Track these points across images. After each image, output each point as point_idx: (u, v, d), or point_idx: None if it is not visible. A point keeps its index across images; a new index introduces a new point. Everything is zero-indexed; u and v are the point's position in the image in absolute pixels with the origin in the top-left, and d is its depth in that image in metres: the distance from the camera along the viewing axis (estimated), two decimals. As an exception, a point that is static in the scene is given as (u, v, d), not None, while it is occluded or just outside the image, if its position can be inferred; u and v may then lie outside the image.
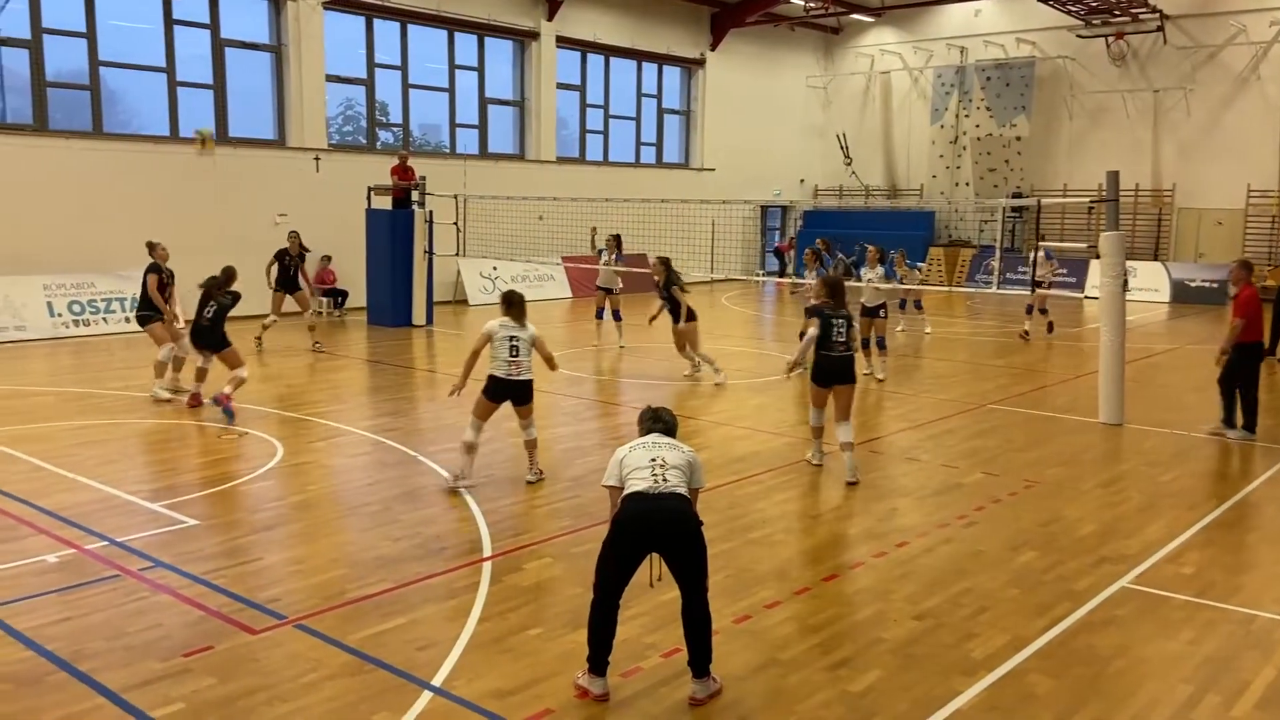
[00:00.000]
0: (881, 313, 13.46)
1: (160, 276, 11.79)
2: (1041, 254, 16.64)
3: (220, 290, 10.93)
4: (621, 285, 16.30)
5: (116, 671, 4.89)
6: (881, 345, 13.49)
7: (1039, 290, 16.14)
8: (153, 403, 11.18)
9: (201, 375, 11.12)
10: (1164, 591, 6.17)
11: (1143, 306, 22.90)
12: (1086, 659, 5.24)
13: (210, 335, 10.87)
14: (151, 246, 12.06)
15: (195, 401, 10.98)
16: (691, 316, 12.81)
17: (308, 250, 16.30)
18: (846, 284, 9.14)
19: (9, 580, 6.06)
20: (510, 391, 8.11)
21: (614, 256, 16.08)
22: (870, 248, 14.23)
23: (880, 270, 13.87)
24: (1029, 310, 17.53)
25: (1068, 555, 6.76)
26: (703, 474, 4.96)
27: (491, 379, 8.12)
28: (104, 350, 15.22)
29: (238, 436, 9.74)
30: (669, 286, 12.84)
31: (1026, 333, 17.39)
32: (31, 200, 16.39)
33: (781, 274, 29.06)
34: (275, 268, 15.37)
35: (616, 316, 15.84)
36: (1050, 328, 17.84)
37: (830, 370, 8.47)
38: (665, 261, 13.11)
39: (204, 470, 8.57)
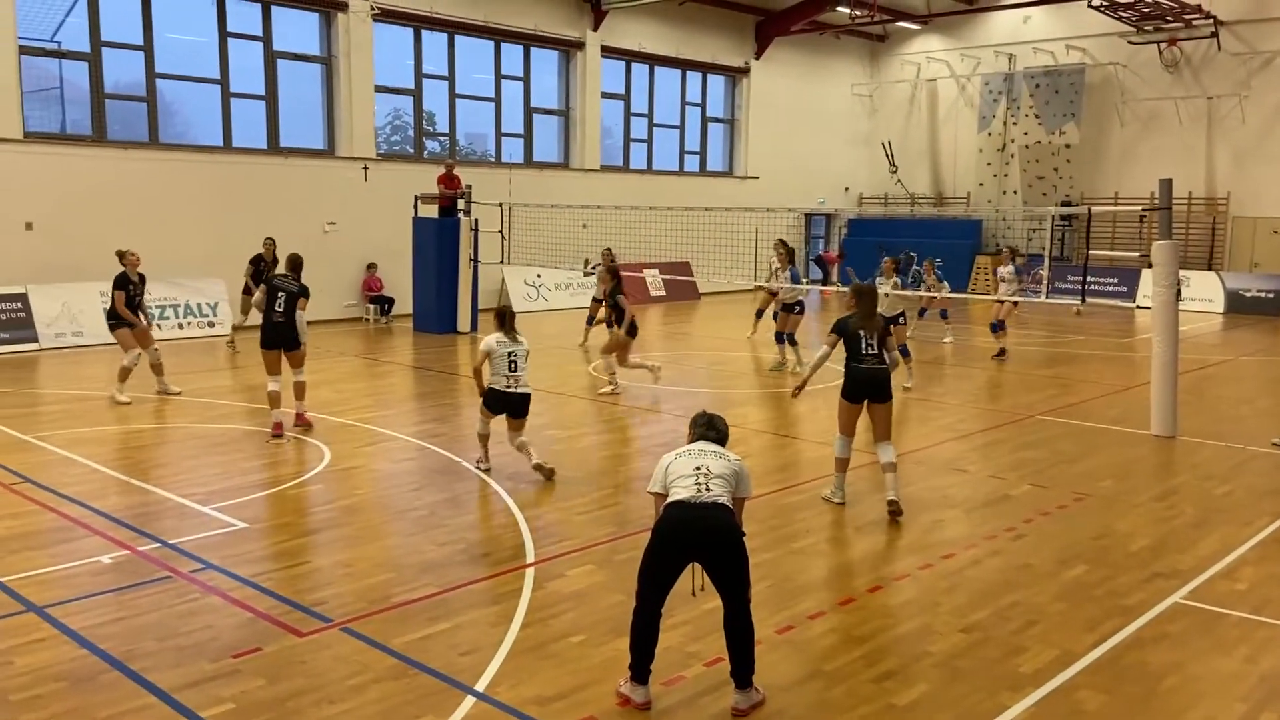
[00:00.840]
0: (901, 319, 13.45)
1: (128, 291, 11.74)
2: (1010, 268, 16.33)
3: (288, 280, 10.14)
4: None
5: (167, 671, 4.98)
6: (904, 353, 13.26)
7: (1006, 304, 15.73)
8: (111, 405, 11.30)
9: (275, 400, 10.08)
10: (1218, 608, 6.04)
11: (1196, 317, 22.45)
12: (1138, 676, 5.14)
13: (287, 333, 9.98)
14: (121, 255, 11.93)
15: (279, 431, 9.98)
16: (633, 331, 12.70)
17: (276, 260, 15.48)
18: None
19: (65, 580, 6.21)
20: (509, 404, 8.52)
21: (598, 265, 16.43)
22: (886, 259, 14.16)
23: (896, 280, 13.86)
24: (996, 328, 16.27)
25: (1119, 570, 6.64)
26: (750, 483, 4.93)
27: (491, 392, 8.53)
28: (157, 356, 15.50)
29: (287, 441, 9.87)
30: (615, 295, 12.83)
31: (1003, 350, 16.32)
32: (90, 209, 16.79)
33: (825, 282, 28.89)
34: (250, 273, 15.32)
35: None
36: (1002, 353, 15.99)
37: (860, 382, 7.79)
38: (614, 272, 13.23)
39: (254, 474, 8.70)
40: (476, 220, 18.58)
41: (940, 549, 7.01)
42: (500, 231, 18.58)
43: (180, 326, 17.32)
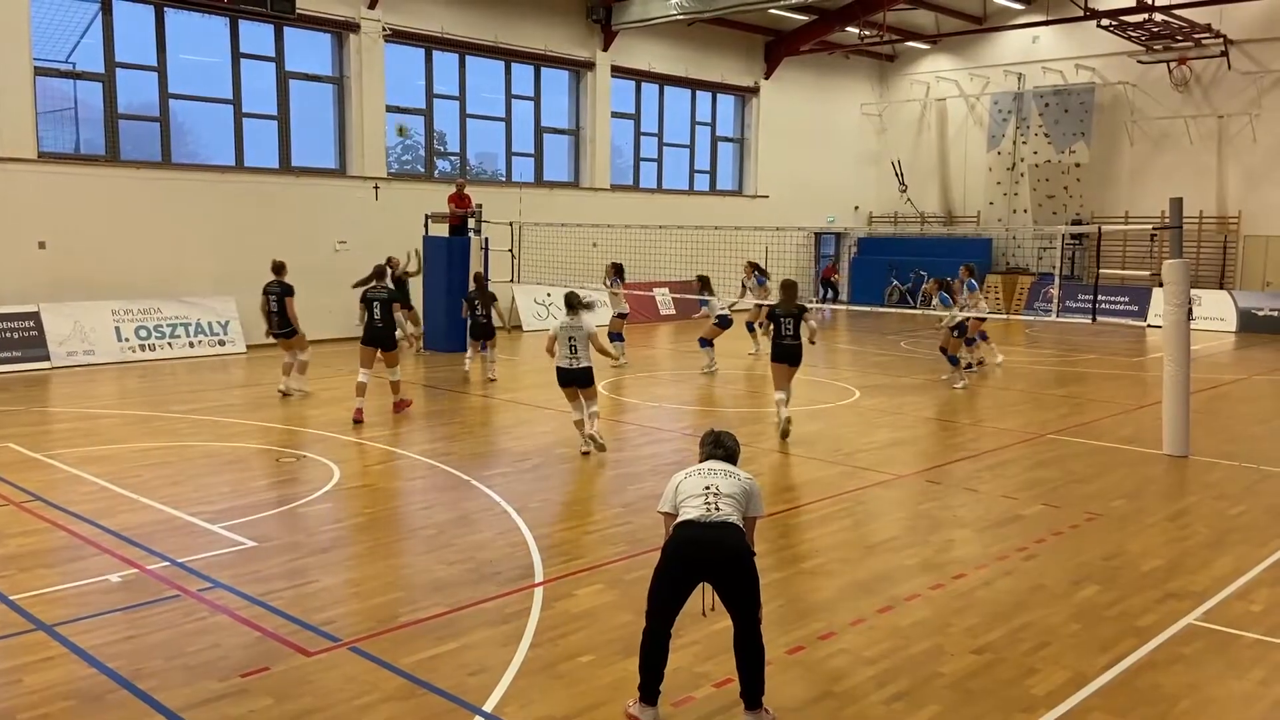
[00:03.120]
0: (955, 332, 14.85)
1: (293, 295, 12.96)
2: (965, 286, 16.08)
3: (375, 286, 11.74)
4: (626, 309, 17.48)
5: (175, 690, 4.97)
6: (953, 361, 14.91)
7: (973, 319, 15.62)
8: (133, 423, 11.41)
9: (361, 390, 11.69)
10: (1233, 629, 5.98)
11: (1208, 336, 22.35)
12: (1152, 698, 5.08)
13: (384, 333, 11.70)
14: (282, 266, 12.92)
15: (359, 417, 11.53)
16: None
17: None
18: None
19: (74, 599, 6.21)
20: (574, 378, 10.07)
21: (610, 282, 17.05)
22: (929, 281, 15.46)
23: (937, 300, 14.98)
24: (972, 341, 16.16)
25: (1132, 590, 6.59)
26: (761, 502, 4.90)
27: (558, 370, 10.12)
28: (169, 374, 15.59)
29: (296, 460, 9.89)
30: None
31: (982, 361, 16.48)
32: (102, 228, 16.90)
33: (835, 300, 28.93)
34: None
35: (617, 338, 16.95)
36: (967, 364, 15.84)
37: (781, 349, 11.05)
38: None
39: (263, 492, 8.71)
40: (487, 239, 18.65)
41: (952, 569, 6.96)
42: (510, 250, 18.63)
43: (191, 345, 17.38)
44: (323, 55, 20.02)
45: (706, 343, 16.09)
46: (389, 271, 12.25)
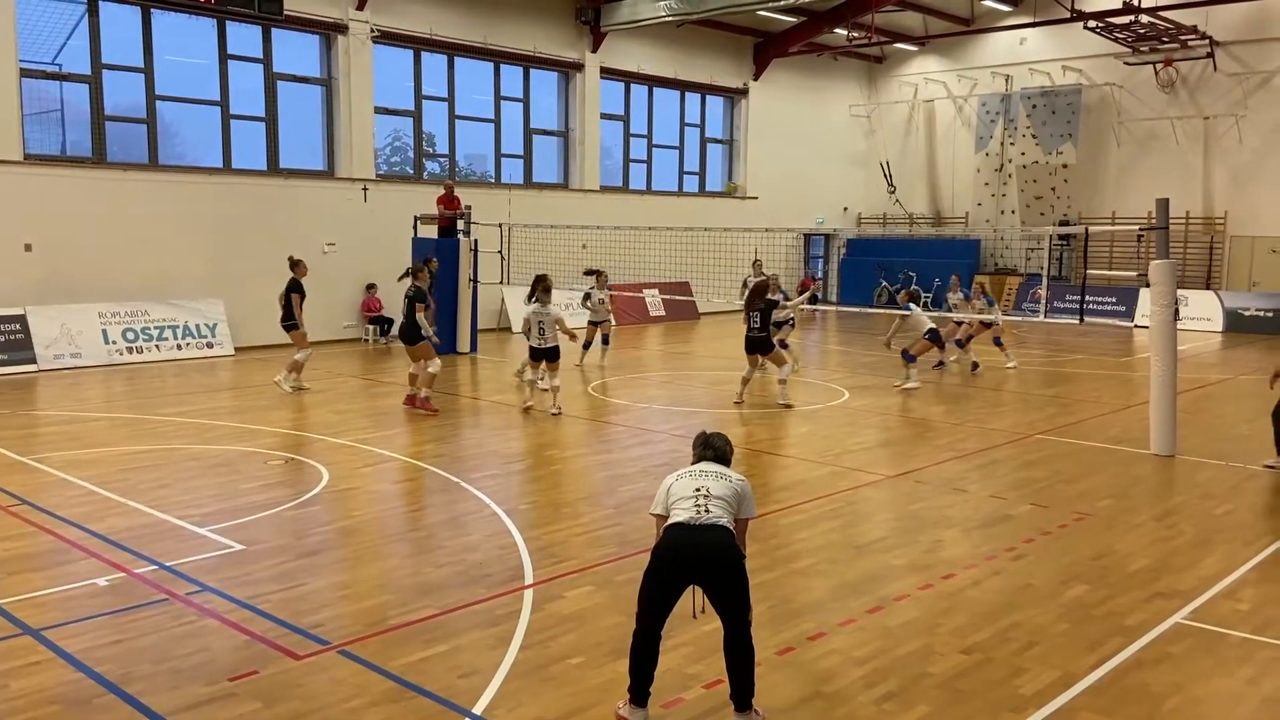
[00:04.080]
0: (928, 336, 14.98)
1: (303, 295, 13.65)
2: (959, 295, 16.34)
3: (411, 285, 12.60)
4: (611, 318, 17.59)
5: (163, 695, 4.95)
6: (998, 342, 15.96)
7: (964, 326, 16.19)
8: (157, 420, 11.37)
9: (411, 380, 12.78)
10: (1220, 628, 6.01)
11: (1195, 336, 22.47)
12: (1140, 697, 5.11)
13: (403, 329, 12.68)
14: (297, 263, 13.59)
15: (412, 402, 12.55)
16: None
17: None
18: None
19: (61, 603, 6.18)
20: (543, 355, 12.39)
21: (593, 289, 17.06)
22: (955, 277, 16.53)
23: (960, 295, 15.95)
24: (961, 344, 16.57)
25: (1119, 590, 6.62)
26: (753, 504, 4.90)
27: (530, 349, 12.49)
28: (156, 377, 15.52)
29: (284, 462, 9.86)
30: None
31: (976, 364, 16.48)
32: (89, 231, 16.82)
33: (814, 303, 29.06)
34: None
35: (605, 341, 17.10)
36: (943, 364, 16.60)
37: (749, 341, 13.13)
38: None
39: (251, 495, 8.68)
40: (476, 241, 18.62)
41: (940, 569, 6.98)
42: (500, 252, 18.62)
43: (179, 347, 17.32)
44: (311, 57, 19.97)
45: (911, 358, 14.88)
46: (424, 269, 13.25)
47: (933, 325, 15.06)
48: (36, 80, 16.72)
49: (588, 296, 17.02)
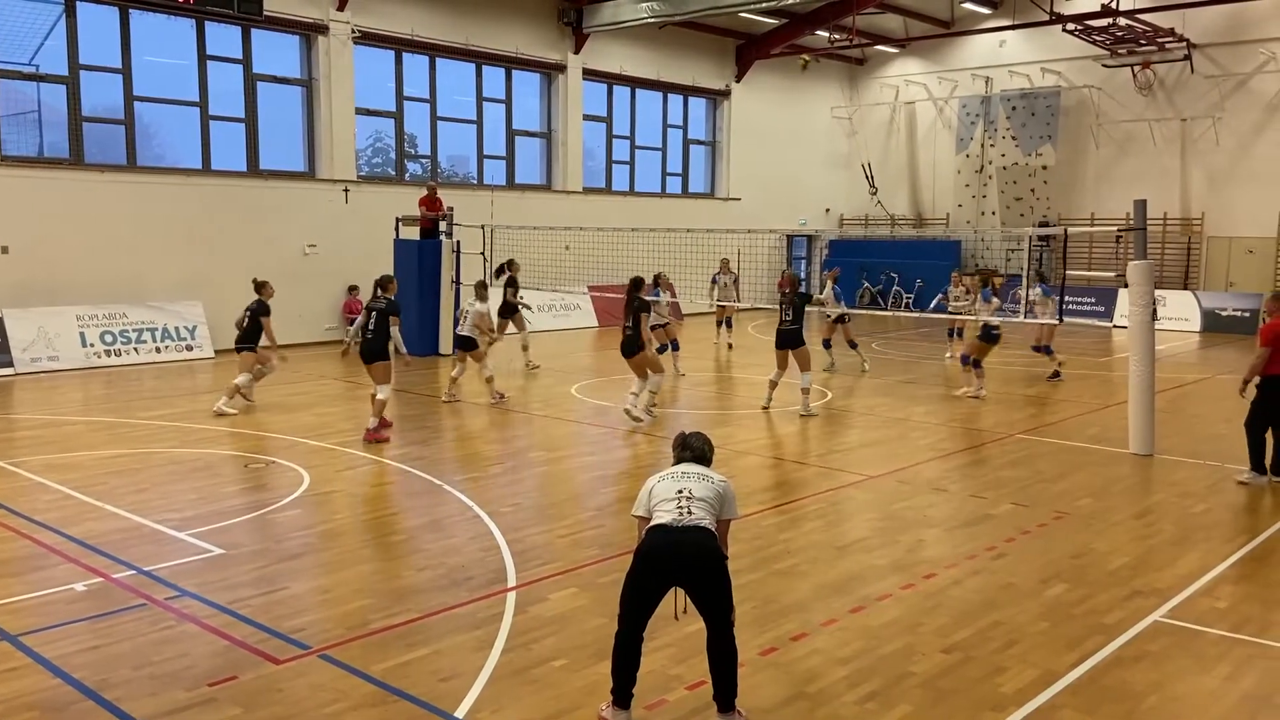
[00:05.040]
0: (994, 332, 14.09)
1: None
2: (978, 296, 15.99)
3: (375, 297, 11.12)
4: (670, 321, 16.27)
5: (142, 700, 4.91)
6: (976, 365, 14.13)
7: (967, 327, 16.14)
8: (101, 429, 11.27)
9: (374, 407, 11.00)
10: (1198, 626, 6.06)
11: (1173, 336, 22.65)
12: (1119, 695, 5.14)
13: (371, 345, 10.94)
14: (263, 285, 12.47)
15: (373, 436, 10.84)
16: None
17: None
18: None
19: (38, 608, 6.12)
20: (459, 343, 13.51)
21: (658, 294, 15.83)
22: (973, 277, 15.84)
23: (980, 298, 15.29)
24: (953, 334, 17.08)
25: (1099, 588, 6.66)
26: (735, 505, 4.90)
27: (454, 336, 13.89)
28: (135, 380, 15.40)
29: (265, 465, 9.80)
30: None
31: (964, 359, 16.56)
32: (66, 232, 16.67)
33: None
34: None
35: (675, 346, 16.16)
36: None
37: (780, 334, 12.57)
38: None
39: (231, 499, 8.62)
40: (458, 242, 18.57)
41: (922, 568, 7.01)
42: (482, 253, 18.57)
43: (158, 350, 17.19)
44: (291, 57, 19.87)
45: (975, 363, 14.11)
46: (392, 283, 11.31)
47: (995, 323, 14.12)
48: (13, 81, 16.56)
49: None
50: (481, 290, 13.54)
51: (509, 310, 17.01)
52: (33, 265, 16.31)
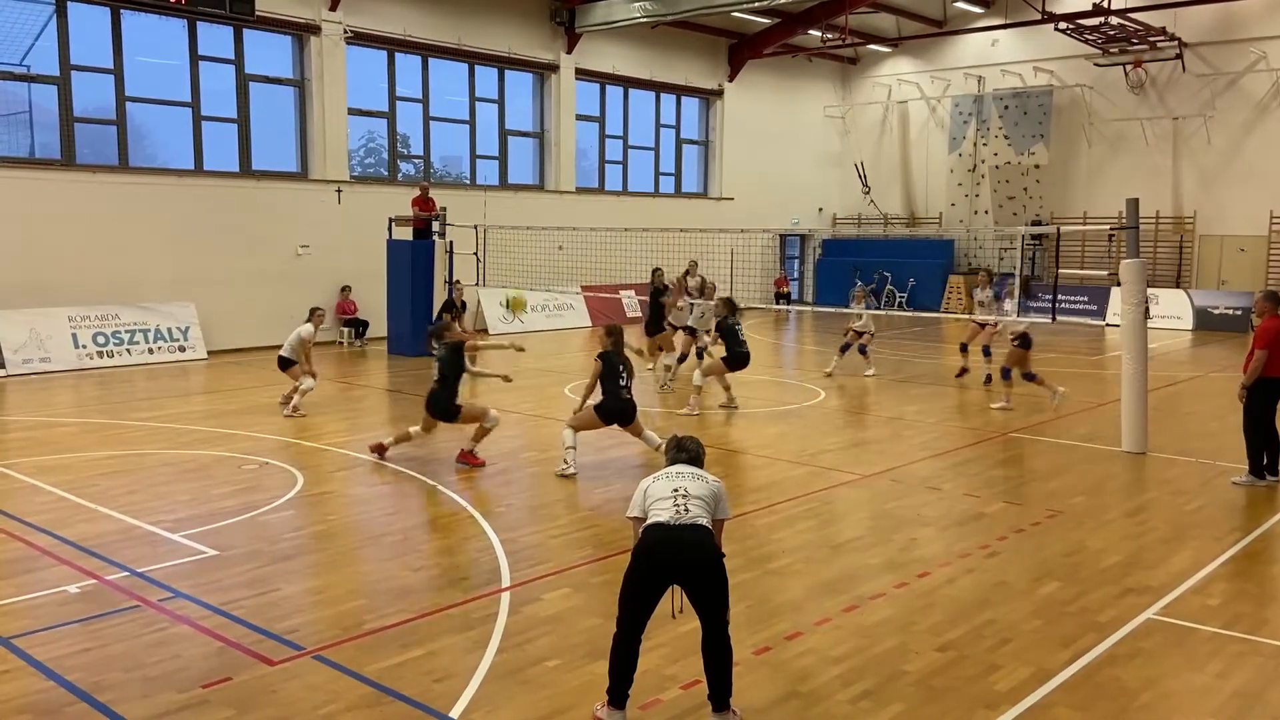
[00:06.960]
0: (1017, 342, 13.09)
1: None
2: (989, 293, 15.44)
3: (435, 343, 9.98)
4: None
5: (135, 703, 4.90)
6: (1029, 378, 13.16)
7: (986, 329, 15.02)
8: (81, 432, 11.25)
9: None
10: (1191, 623, 6.08)
11: (1165, 334, 22.72)
12: (1112, 692, 5.16)
13: (440, 406, 9.76)
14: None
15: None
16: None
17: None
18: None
19: (31, 611, 6.10)
20: (281, 363, 12.50)
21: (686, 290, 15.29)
22: (982, 274, 15.30)
23: (990, 293, 14.75)
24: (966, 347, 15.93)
25: (1092, 586, 6.68)
26: (729, 505, 4.94)
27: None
28: (127, 381, 15.36)
29: (258, 467, 9.78)
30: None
31: (965, 369, 15.81)
32: (58, 233, 16.62)
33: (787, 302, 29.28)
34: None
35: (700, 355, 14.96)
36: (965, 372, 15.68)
37: (734, 360, 12.42)
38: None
39: (224, 500, 8.60)
40: (451, 243, 18.55)
41: (915, 567, 7.02)
42: (475, 254, 18.55)
43: (150, 351, 17.15)
44: (283, 57, 19.83)
45: (1029, 376, 13.21)
46: (447, 330, 10.30)
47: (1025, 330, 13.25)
48: (3, 82, 16.51)
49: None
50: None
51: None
52: (24, 266, 16.25)
